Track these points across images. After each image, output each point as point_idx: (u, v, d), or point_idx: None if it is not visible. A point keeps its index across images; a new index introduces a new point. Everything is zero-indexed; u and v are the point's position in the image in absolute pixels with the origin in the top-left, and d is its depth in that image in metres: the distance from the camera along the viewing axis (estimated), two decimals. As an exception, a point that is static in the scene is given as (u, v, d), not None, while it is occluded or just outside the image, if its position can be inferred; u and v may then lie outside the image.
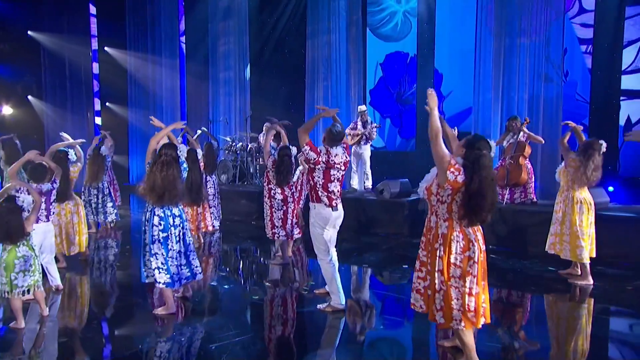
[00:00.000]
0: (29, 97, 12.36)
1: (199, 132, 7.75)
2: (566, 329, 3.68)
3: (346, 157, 3.76)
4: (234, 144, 9.42)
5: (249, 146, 9.19)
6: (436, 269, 2.65)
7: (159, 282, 3.71)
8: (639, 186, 7.87)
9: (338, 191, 3.75)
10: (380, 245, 6.25)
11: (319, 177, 3.66)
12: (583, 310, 4.02)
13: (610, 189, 7.37)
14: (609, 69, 8.26)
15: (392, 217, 6.80)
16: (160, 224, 3.69)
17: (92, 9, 12.84)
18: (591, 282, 4.40)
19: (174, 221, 3.77)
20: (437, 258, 2.65)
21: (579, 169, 4.28)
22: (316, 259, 5.57)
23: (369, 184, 8.17)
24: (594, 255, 4.42)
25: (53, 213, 4.44)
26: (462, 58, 9.56)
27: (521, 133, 6.16)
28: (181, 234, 3.81)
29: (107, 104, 13.46)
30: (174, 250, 3.74)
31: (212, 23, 11.80)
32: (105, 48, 13.14)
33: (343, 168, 3.72)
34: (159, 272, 3.69)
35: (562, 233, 4.44)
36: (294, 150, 5.35)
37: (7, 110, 11.68)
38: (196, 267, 3.89)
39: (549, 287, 4.49)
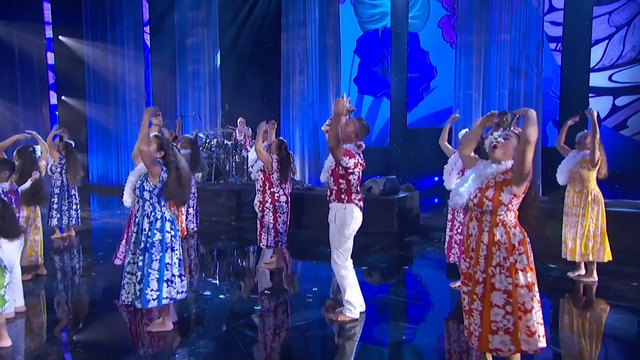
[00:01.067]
0: (-27, 89, 11.18)
1: (195, 134, 7.33)
2: (577, 328, 3.58)
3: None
4: (208, 140, 8.89)
5: (225, 142, 8.70)
6: (520, 284, 2.32)
7: (165, 298, 3.23)
8: (611, 181, 8.12)
9: None
10: (373, 245, 6.02)
11: (354, 179, 3.39)
12: (592, 309, 3.95)
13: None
14: (577, 66, 8.41)
15: (382, 215, 6.57)
16: (172, 230, 3.25)
17: (45, -6, 11.76)
18: (596, 278, 4.36)
19: (175, 225, 3.35)
20: (519, 272, 2.33)
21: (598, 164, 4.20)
22: (308, 262, 5.58)
23: None
24: (611, 257, 4.31)
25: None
26: (442, 53, 9.53)
27: (512, 128, 6.10)
28: (179, 239, 3.40)
29: (62, 97, 12.43)
30: (179, 258, 3.34)
31: (179, 12, 11.09)
32: (60, 37, 12.09)
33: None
34: (167, 286, 3.22)
35: (585, 235, 4.25)
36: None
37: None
38: None
39: (552, 285, 4.40)
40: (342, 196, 3.36)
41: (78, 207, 6.46)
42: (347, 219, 3.38)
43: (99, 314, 3.95)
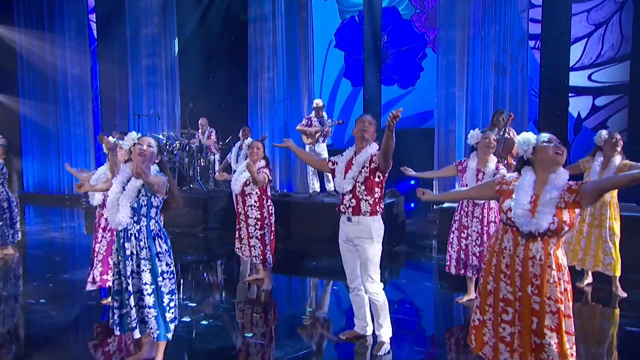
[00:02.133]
0: None
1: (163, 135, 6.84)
2: (591, 340, 3.55)
3: None
4: (168, 142, 8.36)
5: (189, 145, 8.21)
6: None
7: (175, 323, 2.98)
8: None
9: None
10: (362, 256, 5.80)
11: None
12: (606, 320, 3.95)
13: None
14: (557, 65, 8.56)
15: None
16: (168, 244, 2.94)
17: (-32, -26, 10.72)
18: (625, 294, 4.35)
19: None
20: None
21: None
22: (295, 277, 5.19)
23: (331, 186, 7.67)
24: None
25: None
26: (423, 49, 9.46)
27: (507, 129, 5.98)
28: None
29: (-10, 93, 11.40)
30: None
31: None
32: (-14, 24, 11.07)
33: None
34: (176, 311, 2.95)
35: (614, 244, 4.21)
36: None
37: None
38: None
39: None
40: (377, 207, 3.12)
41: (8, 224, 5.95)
42: (378, 232, 3.16)
43: (61, 352, 3.45)
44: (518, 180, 2.30)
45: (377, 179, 3.10)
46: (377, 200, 3.11)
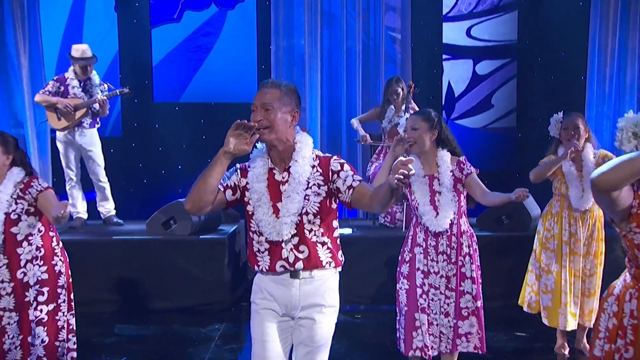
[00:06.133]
0: None
1: None
2: None
3: None
4: None
5: None
6: None
7: None
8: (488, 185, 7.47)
9: None
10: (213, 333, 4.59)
11: None
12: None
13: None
14: (426, 13, 7.53)
15: (207, 271, 5.11)
16: None
17: None
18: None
19: None
20: None
21: None
22: None
23: (111, 207, 5.84)
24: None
25: None
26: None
27: (410, 105, 5.64)
28: None
29: None
30: None
31: None
32: None
33: None
34: None
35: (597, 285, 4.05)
36: None
37: None
38: None
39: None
40: (338, 253, 2.60)
41: None
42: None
43: None
44: None
45: (334, 204, 2.53)
46: (337, 241, 2.64)
